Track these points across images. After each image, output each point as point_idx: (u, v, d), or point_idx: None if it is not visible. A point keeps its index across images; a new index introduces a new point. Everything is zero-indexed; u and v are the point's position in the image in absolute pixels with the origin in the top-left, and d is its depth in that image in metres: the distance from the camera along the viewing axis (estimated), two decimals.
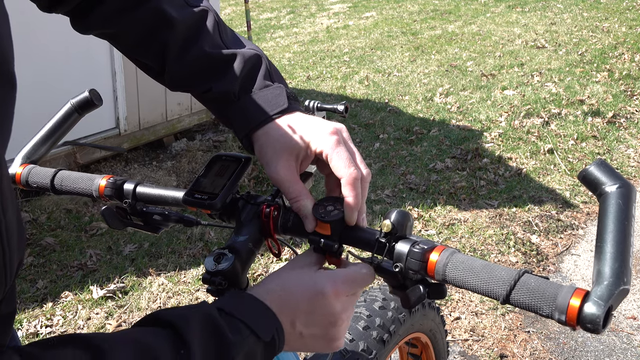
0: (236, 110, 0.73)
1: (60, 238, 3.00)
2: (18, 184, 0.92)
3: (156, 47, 0.73)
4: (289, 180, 0.69)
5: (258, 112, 0.71)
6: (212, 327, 0.52)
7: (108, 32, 0.74)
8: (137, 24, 0.71)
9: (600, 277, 0.49)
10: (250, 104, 0.72)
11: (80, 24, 0.75)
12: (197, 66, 0.73)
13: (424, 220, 3.16)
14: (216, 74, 0.73)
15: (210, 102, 0.75)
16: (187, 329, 0.50)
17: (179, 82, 0.75)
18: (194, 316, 0.52)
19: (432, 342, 1.42)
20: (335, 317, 0.61)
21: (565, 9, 8.43)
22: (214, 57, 0.73)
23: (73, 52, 3.32)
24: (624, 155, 3.97)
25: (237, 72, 0.72)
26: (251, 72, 0.73)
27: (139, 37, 0.73)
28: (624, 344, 2.27)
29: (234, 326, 0.54)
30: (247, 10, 5.19)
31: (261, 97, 0.72)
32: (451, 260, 0.58)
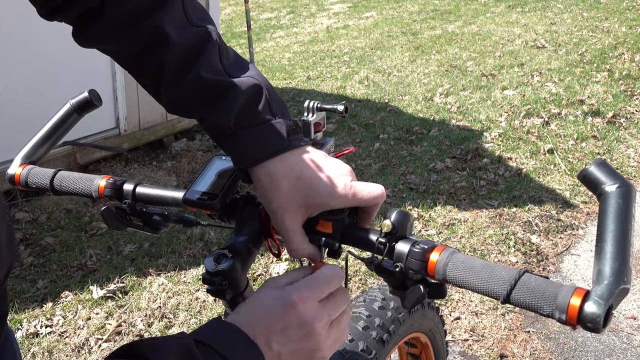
0: (231, 143, 0.69)
1: (60, 238, 3.00)
2: (17, 184, 0.91)
3: (152, 67, 0.69)
4: (294, 231, 0.67)
5: (254, 149, 0.67)
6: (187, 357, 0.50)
7: (108, 47, 0.72)
8: (135, 42, 0.69)
9: (601, 276, 0.49)
10: (246, 139, 0.68)
11: (81, 36, 0.73)
12: (191, 92, 0.69)
13: (424, 220, 3.16)
14: (211, 103, 0.69)
15: (206, 130, 0.72)
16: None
17: (174, 106, 0.72)
18: (169, 349, 0.50)
19: (432, 342, 1.42)
20: (308, 327, 0.58)
21: (565, 9, 8.43)
22: (210, 83, 0.68)
23: (73, 52, 3.32)
24: (624, 155, 3.97)
25: (234, 104, 0.68)
26: (249, 103, 0.68)
27: (136, 56, 0.70)
28: (624, 344, 2.27)
29: (209, 357, 0.52)
30: (247, 10, 5.19)
31: (258, 132, 0.68)
32: (451, 260, 0.58)
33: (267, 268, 2.74)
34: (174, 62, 0.68)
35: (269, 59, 7.37)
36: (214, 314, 2.42)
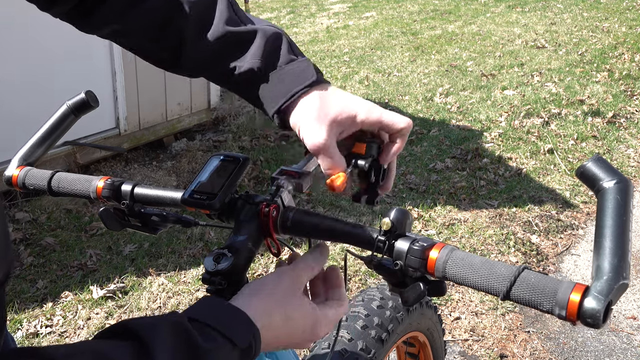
0: (265, 87, 0.70)
1: (60, 238, 3.00)
2: (15, 186, 0.91)
3: (170, 35, 0.70)
4: (330, 151, 0.68)
5: (289, 86, 0.69)
6: (182, 336, 0.48)
7: (116, 28, 0.72)
8: (147, 15, 0.69)
9: (600, 272, 0.49)
10: (279, 79, 0.69)
11: (86, 22, 0.72)
12: (217, 46, 0.70)
13: (424, 220, 3.16)
14: (238, 52, 0.70)
15: (235, 84, 0.72)
16: (153, 339, 0.46)
17: (200, 66, 0.72)
18: (162, 325, 0.48)
19: (430, 341, 1.42)
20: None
21: (565, 9, 8.43)
22: (234, 34, 0.70)
23: (73, 51, 3.32)
24: (624, 155, 3.97)
25: (261, 48, 0.69)
26: (274, 47, 0.70)
27: (151, 29, 0.70)
28: (624, 344, 2.26)
29: (207, 334, 0.51)
30: (247, 10, 5.20)
31: (289, 71, 0.70)
32: (451, 257, 0.58)
33: (267, 268, 2.73)
34: (192, 23, 0.69)
35: None
36: None
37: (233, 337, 0.52)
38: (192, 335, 0.49)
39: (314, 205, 3.33)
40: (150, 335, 0.46)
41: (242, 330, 0.54)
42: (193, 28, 0.69)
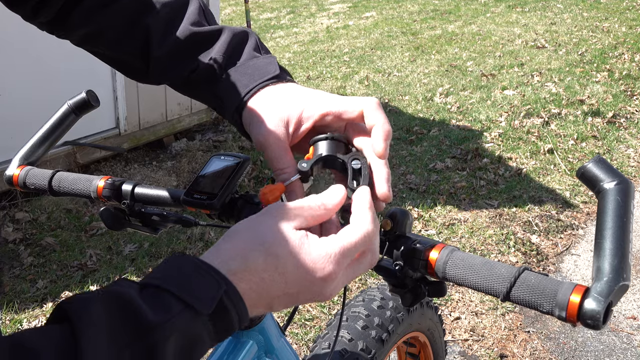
0: (225, 85, 0.67)
1: (60, 238, 3.00)
2: (15, 185, 0.91)
3: (139, 34, 0.68)
4: (277, 146, 0.61)
5: (248, 82, 0.66)
6: (120, 312, 0.39)
7: (90, 30, 0.70)
8: (119, 15, 0.68)
9: (600, 273, 0.49)
10: (239, 75, 0.67)
11: (61, 27, 0.71)
12: (182, 45, 0.68)
13: (424, 220, 3.16)
14: (203, 49, 0.68)
15: (196, 83, 0.69)
16: (81, 320, 0.38)
17: (165, 68, 0.70)
18: (94, 301, 0.39)
19: (430, 341, 1.42)
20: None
21: (565, 9, 8.43)
22: (200, 33, 0.68)
23: (72, 51, 3.31)
24: (624, 155, 3.97)
25: (225, 44, 0.68)
26: (239, 44, 0.69)
27: (122, 28, 0.69)
28: (624, 344, 2.26)
29: (158, 302, 0.41)
30: (247, 10, 5.19)
31: (250, 66, 0.67)
32: (451, 258, 0.58)
33: None
34: (161, 21, 0.68)
35: None
36: None
37: (192, 301, 0.41)
38: (135, 308, 0.39)
39: None
40: (79, 315, 0.38)
41: (203, 287, 0.42)
42: (160, 27, 0.68)
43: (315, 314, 2.41)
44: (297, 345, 2.25)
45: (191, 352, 0.42)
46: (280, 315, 2.40)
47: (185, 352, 0.41)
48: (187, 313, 0.41)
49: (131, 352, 0.38)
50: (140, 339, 0.38)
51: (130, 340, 0.38)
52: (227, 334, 0.44)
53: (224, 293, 0.43)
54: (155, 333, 0.39)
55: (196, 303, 0.41)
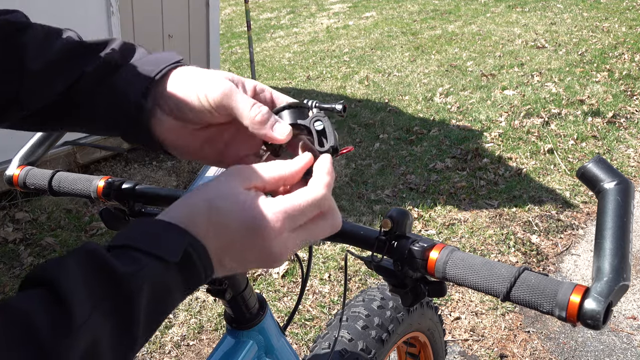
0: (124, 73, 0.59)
1: (60, 238, 3.00)
2: (16, 185, 0.91)
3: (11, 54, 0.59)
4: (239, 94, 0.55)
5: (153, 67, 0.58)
6: (94, 266, 0.41)
7: None
8: None
9: (600, 273, 0.49)
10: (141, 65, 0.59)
11: None
12: (61, 55, 0.60)
13: (424, 220, 3.16)
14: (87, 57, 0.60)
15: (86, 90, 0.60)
16: (59, 277, 0.39)
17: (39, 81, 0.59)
18: (69, 259, 0.41)
19: (430, 342, 1.42)
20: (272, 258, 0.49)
21: (565, 9, 8.43)
22: (85, 42, 0.61)
23: None
24: (624, 155, 3.97)
25: (115, 46, 0.61)
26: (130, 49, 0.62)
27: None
28: (624, 344, 2.26)
29: (127, 257, 0.43)
30: (247, 10, 5.19)
31: (151, 57, 0.60)
32: (451, 258, 0.58)
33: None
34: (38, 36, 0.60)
35: (269, 59, 7.37)
36: (213, 314, 2.42)
37: (159, 252, 0.43)
38: (107, 261, 0.41)
39: None
40: (57, 273, 0.39)
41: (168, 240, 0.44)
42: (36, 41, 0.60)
43: (315, 314, 2.41)
44: (297, 345, 2.25)
45: (162, 303, 0.44)
46: (280, 315, 2.40)
47: (157, 302, 0.43)
48: (156, 263, 0.43)
49: (110, 303, 0.40)
50: (116, 290, 0.40)
51: (108, 292, 0.40)
52: (195, 285, 0.46)
53: (189, 244, 0.45)
54: (130, 283, 0.41)
55: (163, 253, 0.43)
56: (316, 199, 0.50)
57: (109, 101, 0.59)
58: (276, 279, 2.63)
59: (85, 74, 0.59)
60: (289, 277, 2.65)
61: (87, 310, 0.39)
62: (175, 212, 0.48)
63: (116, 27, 3.52)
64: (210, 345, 2.28)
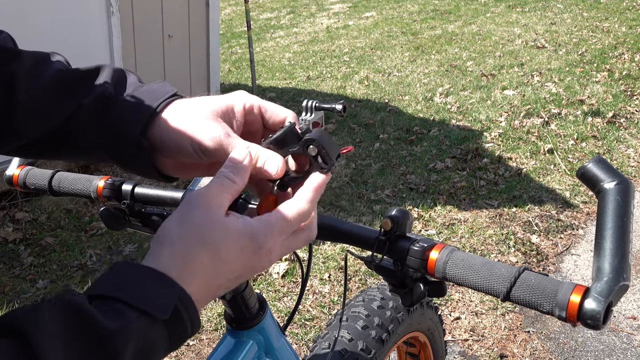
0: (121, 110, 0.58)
1: (60, 238, 3.00)
2: (16, 185, 0.91)
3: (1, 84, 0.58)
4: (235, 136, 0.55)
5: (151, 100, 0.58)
6: (75, 321, 0.38)
7: None
8: None
9: (600, 273, 0.49)
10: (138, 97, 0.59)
11: None
12: (55, 85, 0.59)
13: (424, 220, 3.16)
14: (81, 87, 0.59)
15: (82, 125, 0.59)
16: (36, 332, 0.36)
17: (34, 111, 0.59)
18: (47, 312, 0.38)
19: (430, 342, 1.42)
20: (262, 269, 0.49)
21: (565, 9, 8.43)
22: (76, 71, 0.61)
23: (72, 50, 3.31)
24: (624, 155, 3.97)
25: (108, 77, 0.60)
26: (122, 78, 0.62)
27: None
28: (624, 344, 2.26)
29: (111, 311, 0.39)
30: (247, 10, 5.19)
31: (145, 90, 0.60)
32: (451, 258, 0.58)
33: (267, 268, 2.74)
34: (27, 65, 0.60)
35: (269, 59, 7.37)
36: (214, 314, 2.42)
37: (147, 307, 0.40)
38: (89, 316, 0.38)
39: None
40: (33, 327, 0.36)
41: (156, 294, 0.41)
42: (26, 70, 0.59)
43: (315, 314, 2.41)
44: (297, 345, 2.25)
45: (147, 358, 0.41)
46: (280, 315, 2.40)
47: (142, 358, 0.41)
48: (144, 319, 0.40)
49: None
50: (100, 348, 0.38)
51: (89, 350, 0.38)
52: (180, 341, 0.44)
53: (178, 299, 0.42)
54: (115, 340, 0.38)
55: (152, 309, 0.41)
56: (301, 213, 0.51)
57: (107, 136, 0.59)
58: (276, 279, 2.63)
59: (82, 107, 0.59)
60: (289, 277, 2.65)
61: None
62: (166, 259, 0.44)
63: (116, 27, 3.52)
64: (210, 345, 2.28)
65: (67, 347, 0.37)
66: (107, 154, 0.60)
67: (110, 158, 0.61)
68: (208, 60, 4.65)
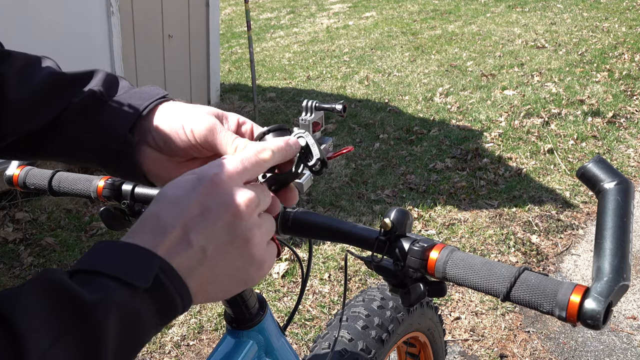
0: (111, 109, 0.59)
1: (60, 238, 3.00)
2: (16, 185, 0.92)
3: None
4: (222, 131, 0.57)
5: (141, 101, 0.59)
6: (56, 296, 0.37)
7: None
8: None
9: (600, 273, 0.49)
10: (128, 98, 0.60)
11: None
12: (45, 86, 0.59)
13: (424, 220, 3.16)
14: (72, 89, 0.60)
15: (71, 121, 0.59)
16: (15, 313, 0.36)
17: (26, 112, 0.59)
18: (26, 292, 0.38)
19: (430, 341, 1.42)
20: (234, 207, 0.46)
21: (565, 9, 8.43)
22: (69, 74, 0.61)
23: (72, 51, 3.32)
24: (624, 155, 3.97)
25: (102, 80, 0.61)
26: (114, 82, 0.63)
27: None
28: (624, 344, 2.27)
29: (92, 284, 0.39)
30: (247, 10, 5.19)
31: (136, 92, 0.61)
32: (451, 257, 0.58)
33: None
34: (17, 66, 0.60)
35: (269, 59, 7.37)
36: (214, 314, 2.42)
37: (126, 276, 0.40)
38: (70, 290, 0.38)
39: (314, 205, 3.33)
40: (12, 308, 0.36)
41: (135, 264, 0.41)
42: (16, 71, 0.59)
43: (315, 314, 2.41)
44: (297, 345, 2.26)
45: (134, 331, 0.40)
46: (280, 315, 2.40)
47: (128, 331, 0.40)
48: (126, 289, 0.40)
49: (73, 337, 0.37)
50: (82, 322, 0.37)
51: (71, 324, 0.37)
52: (171, 314, 0.43)
53: (159, 269, 0.42)
54: (96, 312, 0.38)
55: (131, 279, 0.40)
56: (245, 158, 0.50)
57: (93, 134, 0.59)
58: (276, 279, 2.63)
59: (70, 106, 0.59)
60: (289, 277, 2.65)
61: (45, 345, 0.35)
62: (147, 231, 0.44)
63: (116, 27, 3.52)
64: (210, 345, 2.28)
65: (49, 325, 0.36)
66: (93, 153, 0.60)
67: (95, 157, 0.61)
68: (208, 60, 4.65)
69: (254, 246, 0.47)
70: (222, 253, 0.46)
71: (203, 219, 0.45)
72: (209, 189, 0.46)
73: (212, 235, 0.45)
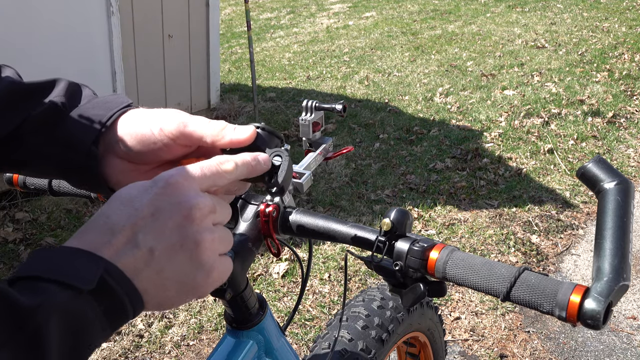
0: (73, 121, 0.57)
1: (60, 238, 3.00)
2: (16, 185, 0.91)
3: None
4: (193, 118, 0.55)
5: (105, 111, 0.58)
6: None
7: None
8: None
9: (600, 273, 0.49)
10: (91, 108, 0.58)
11: None
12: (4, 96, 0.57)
13: (424, 220, 3.16)
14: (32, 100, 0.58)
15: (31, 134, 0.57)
16: None
17: None
18: None
19: (430, 341, 1.42)
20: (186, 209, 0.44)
21: (565, 9, 8.43)
22: (25, 85, 0.59)
23: (72, 51, 3.32)
24: (624, 155, 3.97)
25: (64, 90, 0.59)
26: (76, 91, 0.61)
27: None
28: (624, 344, 2.27)
29: (32, 289, 0.38)
30: (247, 10, 5.19)
31: (100, 101, 0.59)
32: (451, 257, 0.58)
33: (267, 268, 2.73)
34: None
35: (269, 59, 7.37)
36: (213, 314, 2.42)
37: (68, 279, 0.38)
38: (9, 297, 0.36)
39: (314, 205, 3.33)
40: None
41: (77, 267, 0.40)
42: None
43: (315, 314, 2.41)
44: (297, 345, 2.26)
45: (80, 334, 0.39)
46: (280, 315, 2.40)
47: (73, 334, 0.38)
48: (67, 293, 0.38)
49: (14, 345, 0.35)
50: (21, 327, 0.36)
51: (12, 330, 0.36)
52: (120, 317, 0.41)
53: (105, 271, 0.40)
54: (34, 316, 0.36)
55: (73, 281, 0.39)
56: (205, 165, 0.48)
57: (55, 148, 0.57)
58: (276, 279, 2.63)
59: (30, 118, 0.57)
60: (289, 277, 2.65)
61: None
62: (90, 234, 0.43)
63: (116, 27, 3.52)
64: (210, 345, 2.28)
65: None
66: (56, 166, 0.58)
67: (58, 170, 0.59)
68: (208, 60, 4.65)
69: (204, 251, 0.45)
70: (169, 256, 0.44)
71: (153, 219, 0.44)
72: (163, 189, 0.45)
73: (162, 236, 0.44)
